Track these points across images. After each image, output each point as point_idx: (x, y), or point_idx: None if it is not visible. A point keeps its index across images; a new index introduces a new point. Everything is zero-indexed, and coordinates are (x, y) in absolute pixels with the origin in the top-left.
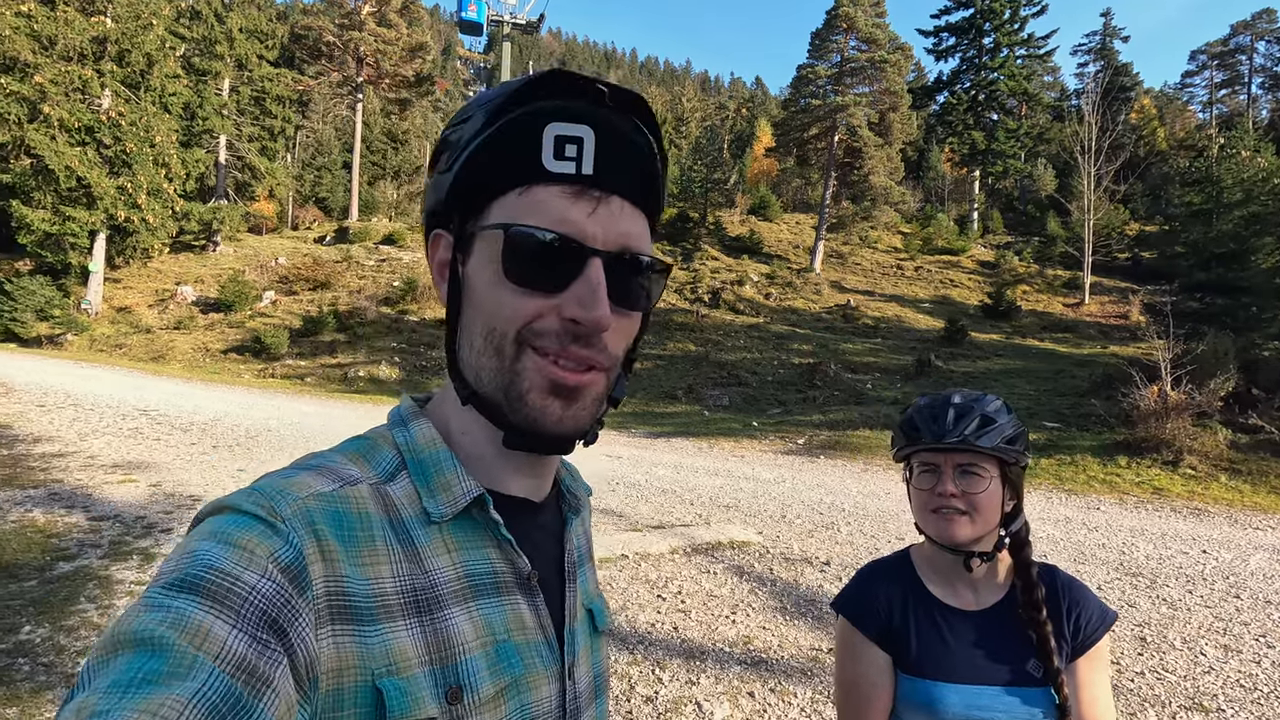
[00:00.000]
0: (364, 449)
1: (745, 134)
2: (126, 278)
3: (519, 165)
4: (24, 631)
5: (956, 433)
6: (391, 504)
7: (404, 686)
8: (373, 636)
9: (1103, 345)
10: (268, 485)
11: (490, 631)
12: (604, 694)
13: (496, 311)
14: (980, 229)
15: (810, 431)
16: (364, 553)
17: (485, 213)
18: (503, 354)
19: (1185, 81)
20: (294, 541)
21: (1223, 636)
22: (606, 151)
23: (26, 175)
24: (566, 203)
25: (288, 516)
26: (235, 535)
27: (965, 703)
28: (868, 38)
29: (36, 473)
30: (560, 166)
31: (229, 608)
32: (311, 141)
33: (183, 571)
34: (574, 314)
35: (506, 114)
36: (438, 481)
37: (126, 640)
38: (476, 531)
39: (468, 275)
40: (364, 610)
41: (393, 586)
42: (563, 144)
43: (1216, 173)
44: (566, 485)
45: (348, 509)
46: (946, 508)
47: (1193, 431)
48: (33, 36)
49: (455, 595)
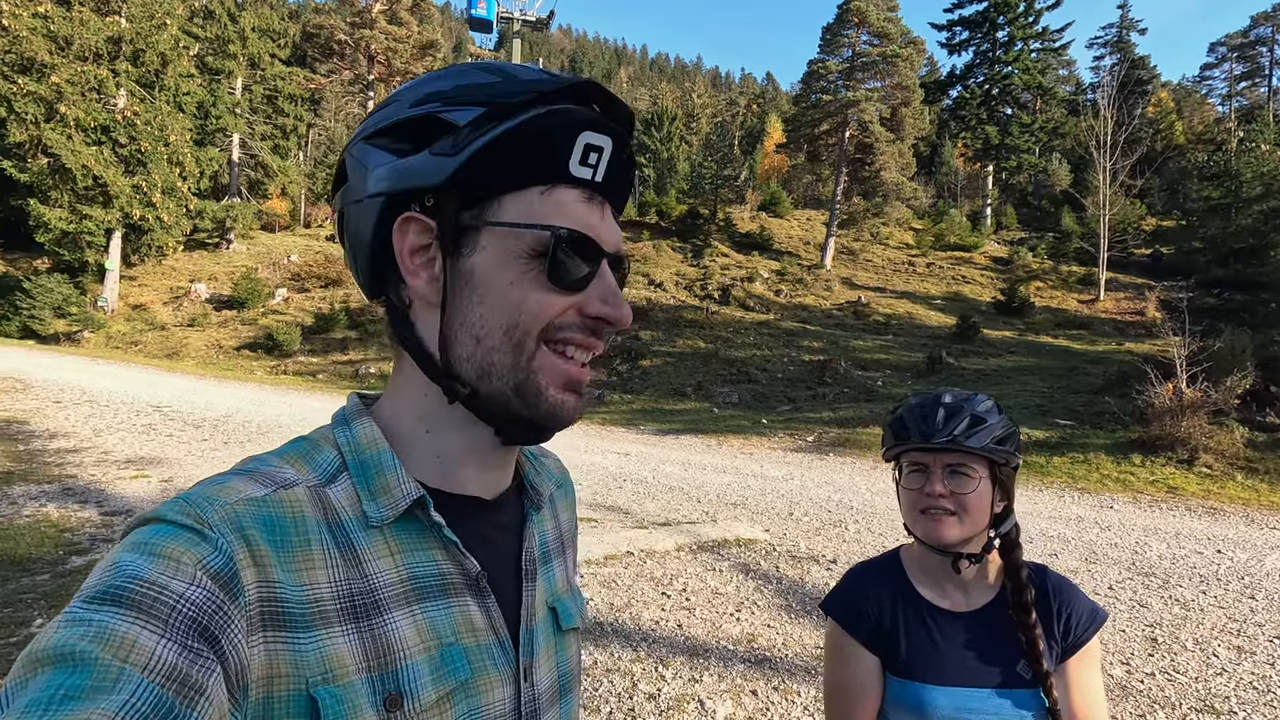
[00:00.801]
0: (304, 450)
1: (756, 130)
2: (142, 275)
3: (547, 165)
4: (36, 624)
5: (945, 433)
6: (330, 507)
7: (340, 695)
8: (307, 644)
9: (1118, 342)
10: (195, 494)
11: (436, 635)
12: (571, 693)
13: (522, 309)
14: (993, 225)
15: (820, 429)
16: (298, 557)
17: (494, 206)
18: (522, 350)
19: (1204, 74)
20: (223, 548)
21: (1236, 638)
22: (615, 164)
23: (44, 174)
24: (585, 207)
25: (215, 523)
26: (160, 545)
27: (955, 705)
28: (879, 32)
29: (51, 468)
30: (582, 172)
31: (156, 617)
32: (323, 139)
33: (105, 584)
34: (601, 312)
35: (531, 111)
36: (378, 483)
37: (45, 658)
38: (420, 533)
39: (473, 270)
40: (298, 616)
41: (329, 592)
42: (589, 152)
43: (1236, 166)
44: (530, 480)
45: (281, 513)
46: (935, 508)
47: (1209, 429)
48: (49, 37)
49: (397, 599)
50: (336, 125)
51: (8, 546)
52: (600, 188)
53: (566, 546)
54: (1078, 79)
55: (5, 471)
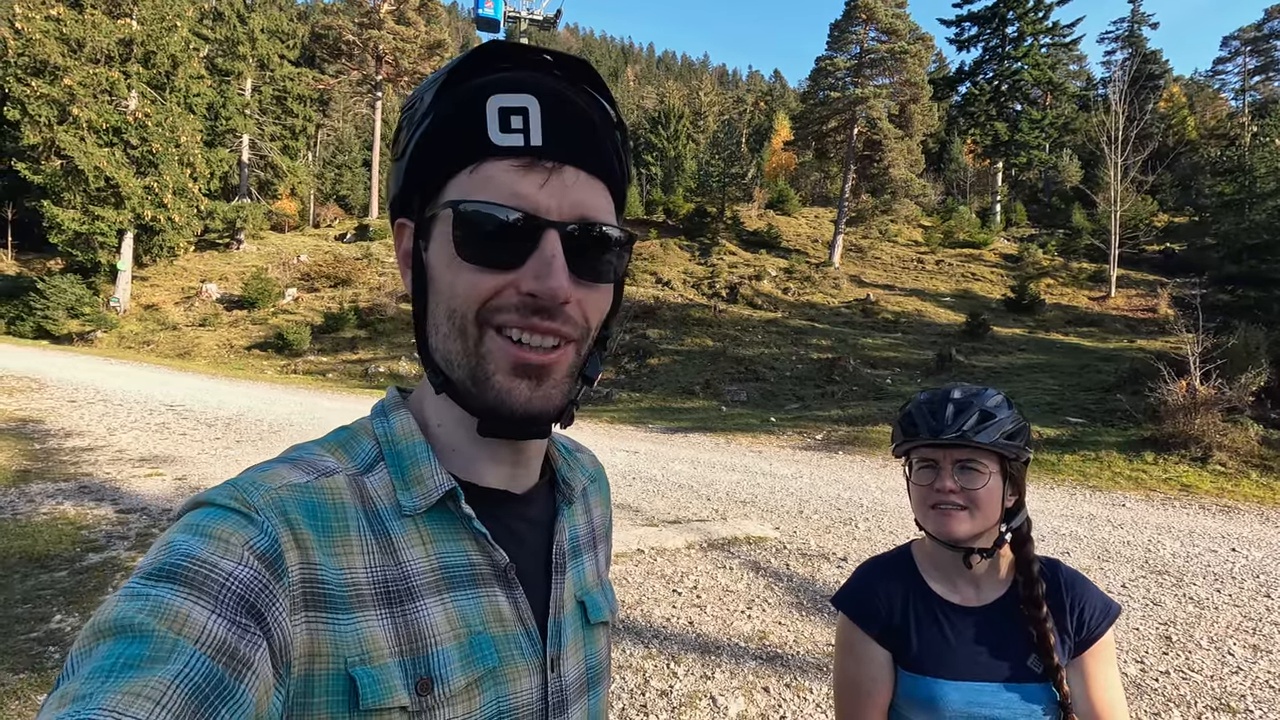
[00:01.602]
0: (344, 440)
1: (763, 128)
2: (153, 276)
3: (466, 142)
4: (55, 620)
5: (955, 428)
6: (368, 495)
7: (377, 675)
8: (345, 625)
9: (1129, 339)
10: (243, 479)
11: (465, 623)
12: (599, 686)
13: (454, 292)
14: (1003, 222)
15: (829, 427)
16: (337, 542)
17: (440, 195)
18: (466, 335)
19: (1217, 69)
20: (269, 530)
21: (1252, 636)
22: (555, 121)
23: (57, 176)
24: (516, 176)
25: (260, 507)
26: (211, 526)
27: (966, 699)
28: (888, 28)
29: (67, 466)
30: (507, 140)
31: (207, 594)
32: (332, 140)
33: (161, 561)
34: (530, 287)
35: (450, 90)
36: (412, 474)
37: (107, 629)
38: (452, 524)
39: (429, 261)
40: (337, 599)
41: (365, 576)
42: (507, 115)
43: (1249, 161)
44: (563, 475)
45: (322, 499)
46: (945, 504)
47: (1222, 427)
48: (62, 40)
49: (430, 586)
50: (345, 126)
51: (26, 543)
52: (543, 152)
53: (599, 541)
54: (1088, 74)
55: (22, 470)
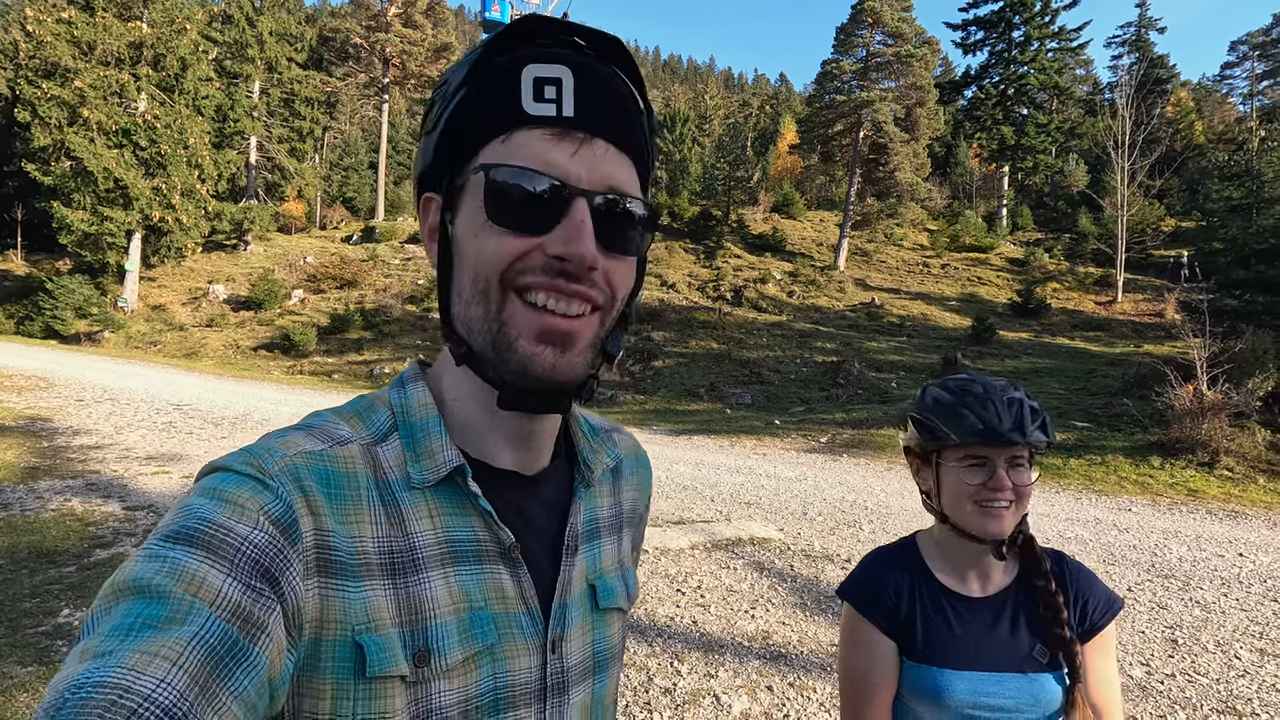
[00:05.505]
0: (361, 409)
1: (769, 131)
2: (161, 276)
3: (500, 110)
4: (63, 615)
5: (1019, 428)
6: (379, 465)
7: (382, 643)
8: (354, 593)
9: (1136, 344)
10: (259, 446)
11: (466, 598)
12: (606, 671)
13: (481, 256)
14: (1009, 226)
15: (833, 430)
16: (349, 511)
17: (471, 164)
18: (489, 299)
19: (1224, 73)
20: (283, 496)
21: (1259, 640)
22: (587, 94)
23: (66, 177)
24: (548, 144)
25: (275, 473)
26: (227, 491)
27: (972, 689)
28: (894, 32)
29: (75, 464)
30: (541, 109)
31: (223, 557)
32: (339, 142)
33: (178, 525)
34: (558, 250)
35: (486, 61)
36: (423, 447)
37: (126, 589)
38: (459, 499)
39: (455, 233)
40: (348, 566)
41: (373, 545)
42: (541, 85)
43: (1257, 166)
44: (584, 456)
45: (335, 468)
46: (996, 502)
47: (1230, 432)
48: (73, 42)
49: (434, 560)
50: (352, 128)
51: (35, 539)
52: (575, 123)
53: (624, 526)
54: (1095, 78)
55: (31, 467)
